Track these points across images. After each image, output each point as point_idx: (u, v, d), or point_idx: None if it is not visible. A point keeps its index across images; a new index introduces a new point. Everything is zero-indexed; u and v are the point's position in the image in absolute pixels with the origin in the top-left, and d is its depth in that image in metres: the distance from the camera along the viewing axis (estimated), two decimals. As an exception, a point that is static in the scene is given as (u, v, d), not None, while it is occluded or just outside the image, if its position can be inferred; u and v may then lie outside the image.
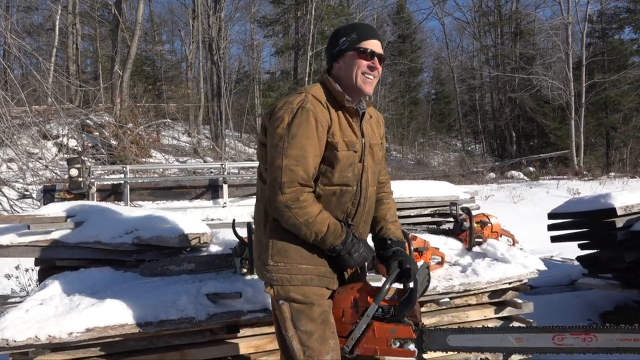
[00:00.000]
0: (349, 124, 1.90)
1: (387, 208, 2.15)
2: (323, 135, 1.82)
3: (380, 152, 2.05)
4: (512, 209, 10.24)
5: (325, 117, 1.83)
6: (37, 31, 21.32)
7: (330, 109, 1.87)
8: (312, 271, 1.88)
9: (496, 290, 3.17)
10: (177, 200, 4.26)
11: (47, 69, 11.98)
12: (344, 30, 1.94)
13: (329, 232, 1.81)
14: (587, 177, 17.01)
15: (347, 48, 1.90)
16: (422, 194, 4.08)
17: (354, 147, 1.88)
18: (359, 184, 1.92)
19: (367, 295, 1.86)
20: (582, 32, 22.16)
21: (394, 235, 2.07)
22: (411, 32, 32.47)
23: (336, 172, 1.85)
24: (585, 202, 4.40)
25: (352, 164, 1.88)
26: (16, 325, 2.25)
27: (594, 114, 24.49)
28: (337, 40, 1.93)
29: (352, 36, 1.90)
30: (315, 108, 1.81)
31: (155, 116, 17.56)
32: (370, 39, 1.90)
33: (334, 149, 1.83)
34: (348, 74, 1.90)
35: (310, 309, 1.85)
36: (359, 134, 1.93)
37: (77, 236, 2.95)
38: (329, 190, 1.87)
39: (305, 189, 1.80)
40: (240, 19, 28.65)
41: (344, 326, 1.89)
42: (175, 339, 2.58)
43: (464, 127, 33.63)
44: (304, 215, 1.78)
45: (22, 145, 10.45)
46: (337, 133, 1.85)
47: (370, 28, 1.97)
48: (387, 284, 1.82)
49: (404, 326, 1.82)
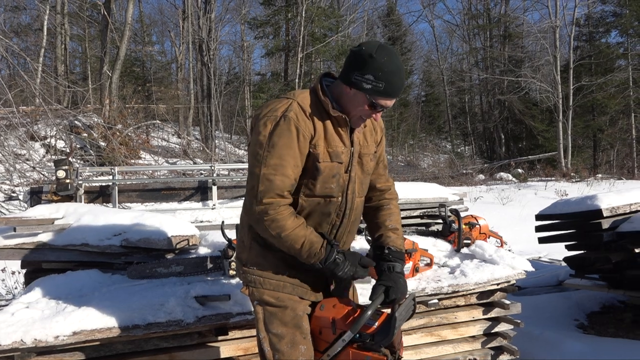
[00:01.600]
0: (337, 133, 1.84)
1: (387, 214, 2.06)
2: (304, 145, 1.77)
3: (371, 162, 1.97)
4: (500, 211, 10.30)
5: (308, 128, 1.78)
6: (24, 31, 21.11)
7: (315, 118, 1.80)
8: (286, 280, 1.88)
9: (484, 292, 3.19)
10: (166, 202, 4.24)
11: (35, 69, 11.88)
12: (377, 68, 1.72)
13: (302, 250, 1.77)
14: (574, 179, 17.17)
15: (365, 90, 1.75)
16: (411, 196, 4.09)
17: (339, 158, 1.83)
18: (344, 195, 1.88)
19: (347, 318, 1.81)
20: (570, 35, 22.44)
21: (394, 244, 1.98)
22: (401, 34, 32.62)
23: (318, 184, 1.82)
24: (572, 203, 4.44)
25: (337, 175, 1.84)
26: (2, 329, 2.23)
27: (582, 116, 24.75)
28: (363, 71, 1.74)
29: (379, 85, 1.74)
30: (298, 117, 1.76)
31: (145, 117, 17.47)
32: (392, 98, 1.79)
33: (315, 160, 1.79)
34: (349, 104, 1.82)
35: (283, 312, 1.86)
36: (348, 144, 1.86)
37: (64, 238, 2.92)
38: (312, 201, 1.84)
39: (282, 200, 1.76)
40: (231, 20, 28.66)
41: (320, 342, 1.87)
42: (163, 342, 2.56)
43: (454, 129, 33.82)
44: (277, 228, 1.75)
45: (9, 147, 10.34)
46: (321, 144, 1.80)
47: (399, 86, 1.78)
48: (366, 312, 1.76)
49: (379, 356, 1.77)
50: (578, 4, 22.05)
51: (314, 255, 1.77)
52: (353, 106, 1.81)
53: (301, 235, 1.77)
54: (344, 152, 1.84)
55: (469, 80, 32.78)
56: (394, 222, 2.04)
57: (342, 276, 1.81)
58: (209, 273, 2.89)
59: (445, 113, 34.05)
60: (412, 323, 3.05)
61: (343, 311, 1.84)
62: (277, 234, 1.76)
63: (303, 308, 1.89)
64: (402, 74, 1.79)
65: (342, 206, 1.89)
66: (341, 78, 1.82)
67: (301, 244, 1.76)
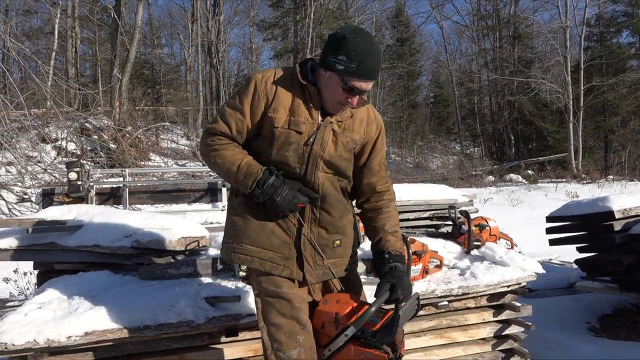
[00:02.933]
0: (306, 105, 1.86)
1: (386, 217, 2.04)
2: (258, 105, 1.85)
3: (348, 145, 1.93)
4: (510, 212, 10.25)
5: (267, 92, 1.85)
6: (36, 35, 21.33)
7: (281, 86, 1.86)
8: (255, 253, 1.89)
9: (495, 294, 3.17)
10: (176, 203, 4.26)
11: (46, 72, 11.97)
12: (350, 49, 1.73)
13: (240, 171, 1.82)
14: (585, 180, 17.03)
15: (338, 71, 1.76)
16: (420, 197, 4.08)
17: (298, 127, 1.84)
18: (304, 167, 1.87)
19: (351, 314, 1.82)
20: (580, 35, 22.25)
21: (393, 248, 1.97)
22: (410, 35, 32.57)
23: (274, 149, 1.86)
24: (583, 205, 4.40)
25: (294, 143, 1.85)
26: (15, 329, 2.24)
27: (592, 117, 24.55)
28: (337, 52, 1.76)
29: (351, 66, 1.74)
30: (262, 80, 1.86)
31: (154, 119, 17.58)
32: (365, 79, 1.78)
33: (272, 124, 1.85)
34: (325, 88, 1.84)
35: (280, 303, 1.87)
36: (316, 117, 1.87)
37: (76, 240, 2.95)
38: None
39: (225, 138, 1.89)
40: (239, 22, 28.80)
41: (322, 337, 1.87)
42: (174, 343, 2.57)
43: (463, 130, 33.69)
44: (216, 156, 1.86)
45: (21, 149, 10.44)
46: (281, 110, 1.84)
47: (372, 67, 1.77)
48: (371, 309, 1.76)
49: (380, 353, 1.78)
50: (589, 4, 21.90)
51: (251, 174, 1.81)
52: (329, 90, 1.83)
53: (239, 157, 1.85)
54: (306, 122, 1.86)
55: (478, 81, 32.63)
56: (392, 225, 2.03)
57: (280, 203, 1.80)
58: (219, 274, 2.90)
59: (454, 114, 33.93)
60: (421, 325, 3.04)
61: (347, 307, 1.84)
62: (215, 160, 1.87)
63: (300, 299, 1.89)
64: (377, 54, 1.79)
65: (303, 179, 1.88)
66: (319, 62, 1.86)
67: (238, 165, 1.83)
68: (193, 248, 3.08)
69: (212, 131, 1.90)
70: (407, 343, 2.98)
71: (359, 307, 1.85)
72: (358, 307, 1.85)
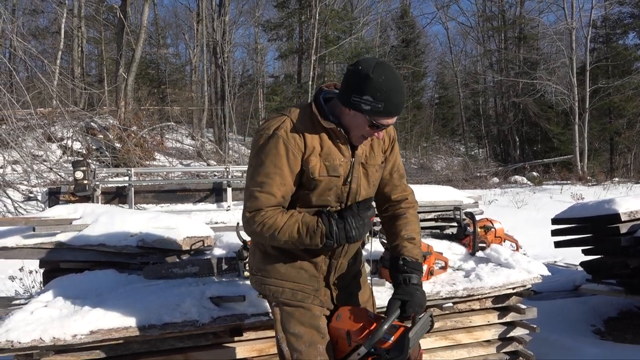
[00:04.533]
0: (336, 145, 1.82)
1: (404, 224, 2.00)
2: (295, 163, 1.76)
3: (377, 173, 1.94)
4: (515, 214, 10.22)
5: (298, 145, 1.76)
6: (42, 34, 21.45)
7: (307, 134, 1.78)
8: (285, 285, 1.89)
9: (500, 296, 3.16)
10: (181, 203, 4.27)
11: (52, 71, 12.05)
12: (374, 88, 1.68)
13: (302, 235, 1.75)
14: (591, 183, 16.96)
15: (365, 112, 1.72)
16: (425, 199, 4.07)
17: (336, 172, 1.80)
18: (342, 204, 1.86)
19: (363, 331, 1.80)
20: (586, 37, 22.17)
21: (410, 254, 1.93)
22: (415, 36, 32.52)
23: (314, 197, 1.82)
24: (589, 207, 4.39)
25: (334, 187, 1.82)
26: (21, 327, 2.26)
27: (598, 119, 24.45)
28: (362, 92, 1.69)
29: (378, 106, 1.70)
30: (287, 135, 1.75)
31: (159, 119, 17.63)
32: (392, 117, 1.75)
33: (310, 175, 1.78)
34: (351, 124, 1.80)
35: (300, 312, 1.87)
36: (348, 155, 1.84)
37: (81, 239, 2.96)
38: (309, 211, 1.84)
39: (270, 209, 1.77)
40: (245, 22, 28.87)
41: (336, 352, 1.88)
42: (179, 342, 2.58)
43: (467, 131, 33.62)
44: (270, 229, 1.75)
45: (26, 148, 10.50)
46: (314, 159, 1.78)
47: (399, 103, 1.74)
48: (381, 328, 1.74)
49: None
50: (595, 5, 21.80)
51: (315, 232, 1.74)
52: (354, 126, 1.79)
53: (294, 222, 1.76)
54: (342, 164, 1.82)
55: (483, 83, 32.56)
56: (410, 232, 1.98)
57: (357, 235, 1.76)
58: (224, 274, 2.91)
59: (459, 115, 33.86)
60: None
61: (358, 324, 1.82)
62: (272, 234, 1.76)
63: (320, 309, 1.90)
64: (401, 90, 1.75)
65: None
66: (340, 99, 1.79)
67: (297, 229, 1.75)
68: (198, 248, 3.08)
69: (256, 208, 1.77)
70: (412, 344, 2.98)
71: (371, 322, 1.83)
72: (370, 323, 1.82)
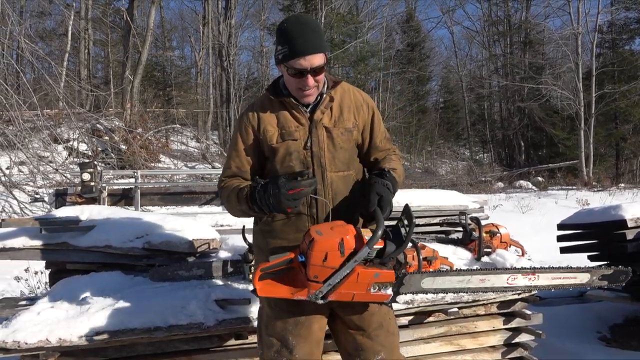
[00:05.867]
0: (291, 114, 1.90)
1: (387, 161, 1.99)
2: (247, 136, 1.94)
3: (343, 135, 1.91)
4: (520, 219, 10.16)
5: (251, 121, 1.93)
6: (49, 36, 21.59)
7: (262, 109, 1.93)
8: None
9: (505, 301, 3.15)
10: (187, 205, 4.29)
11: (59, 73, 12.12)
12: (281, 36, 1.80)
13: (240, 201, 1.85)
14: (596, 188, 16.88)
15: (280, 61, 1.81)
16: (431, 203, 4.06)
17: (292, 136, 1.88)
18: (310, 170, 1.87)
19: (355, 238, 1.68)
20: (592, 42, 22.12)
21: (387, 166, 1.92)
22: (420, 40, 32.53)
23: (277, 164, 1.90)
24: (595, 213, 4.37)
25: (294, 151, 1.88)
26: (28, 328, 2.27)
27: (604, 124, 24.36)
28: (276, 45, 1.84)
29: (284, 50, 1.78)
30: (245, 115, 1.96)
31: (165, 121, 17.69)
32: (302, 55, 1.76)
33: (267, 144, 1.91)
34: (287, 83, 1.90)
35: (275, 321, 1.89)
36: (305, 121, 1.90)
37: (88, 240, 2.97)
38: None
39: (228, 178, 1.97)
40: (250, 26, 28.88)
41: (324, 270, 1.67)
42: (184, 344, 2.59)
43: (472, 136, 33.55)
44: (225, 196, 1.93)
45: (33, 149, 10.56)
46: (270, 128, 1.90)
47: (302, 42, 1.76)
48: (381, 228, 1.63)
49: (387, 270, 1.69)
50: (601, 10, 21.77)
51: (243, 197, 1.83)
52: (287, 82, 1.88)
53: (236, 188, 1.88)
54: (298, 129, 1.89)
55: (489, 87, 32.51)
56: (392, 165, 1.95)
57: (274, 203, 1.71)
58: (229, 277, 2.91)
59: (464, 120, 33.79)
60: (431, 331, 3.03)
61: (348, 230, 1.69)
62: (226, 199, 1.92)
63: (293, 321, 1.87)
64: (305, 29, 1.77)
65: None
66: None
67: (236, 194, 1.86)
68: (204, 250, 3.09)
69: (221, 177, 2.01)
70: (416, 350, 2.97)
71: (358, 230, 1.71)
72: (357, 231, 1.70)
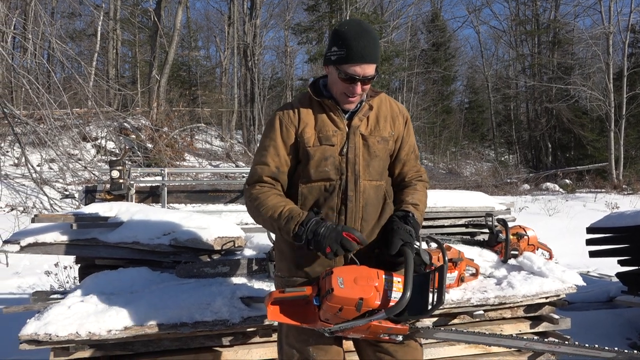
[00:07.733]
0: (330, 118, 1.88)
1: (411, 191, 1.97)
2: (288, 135, 1.88)
3: (379, 144, 1.90)
4: (546, 222, 9.99)
5: (292, 119, 1.88)
6: (79, 36, 22.07)
7: (302, 109, 1.90)
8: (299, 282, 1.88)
9: (532, 305, 3.10)
10: (213, 203, 4.32)
11: (88, 73, 12.37)
12: (339, 38, 1.77)
13: (281, 217, 1.76)
14: (626, 191, 16.45)
15: (333, 62, 1.80)
16: (456, 204, 4.01)
17: (329, 141, 1.86)
18: (343, 176, 1.86)
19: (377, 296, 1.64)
20: (624, 42, 21.53)
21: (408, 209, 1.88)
22: (445, 40, 32.20)
23: (311, 168, 1.86)
24: (627, 216, 4.26)
25: (329, 157, 1.85)
26: (59, 321, 2.33)
27: (635, 126, 23.68)
28: (330, 46, 1.81)
29: (341, 53, 1.76)
30: (284, 113, 1.90)
31: (190, 120, 17.91)
32: (358, 63, 1.75)
33: (304, 146, 1.86)
34: (331, 84, 1.88)
35: (295, 332, 1.88)
36: (342, 126, 1.88)
37: (116, 236, 3.02)
38: (311, 187, 1.87)
39: (265, 185, 1.88)
40: (275, 26, 29.08)
41: (336, 318, 1.68)
42: (209, 341, 2.61)
43: (498, 137, 33.04)
44: (258, 203, 1.83)
45: (63, 147, 10.81)
46: (308, 130, 1.86)
47: (361, 49, 1.74)
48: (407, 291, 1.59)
49: (401, 326, 1.67)
50: (634, 9, 21.19)
51: (293, 217, 1.75)
52: (333, 84, 1.86)
53: (282, 204, 1.81)
54: (335, 134, 1.87)
55: (515, 88, 31.97)
56: (415, 199, 1.95)
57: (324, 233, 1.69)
58: (254, 275, 2.93)
59: (489, 120, 33.31)
60: (456, 334, 3.00)
61: (369, 289, 1.65)
62: (257, 206, 1.83)
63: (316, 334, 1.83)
64: (365, 36, 1.76)
65: (343, 188, 1.86)
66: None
67: (280, 211, 1.78)
68: (229, 248, 3.11)
69: (252, 180, 1.90)
70: (441, 352, 2.94)
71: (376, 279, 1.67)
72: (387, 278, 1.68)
